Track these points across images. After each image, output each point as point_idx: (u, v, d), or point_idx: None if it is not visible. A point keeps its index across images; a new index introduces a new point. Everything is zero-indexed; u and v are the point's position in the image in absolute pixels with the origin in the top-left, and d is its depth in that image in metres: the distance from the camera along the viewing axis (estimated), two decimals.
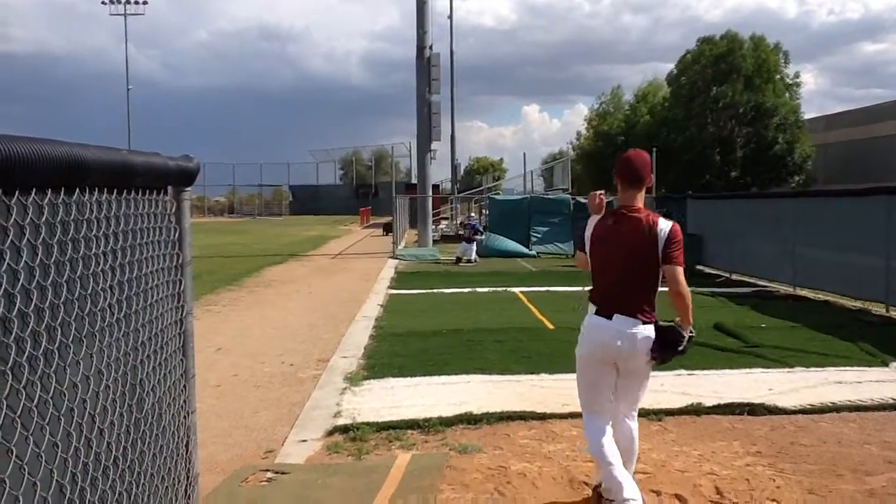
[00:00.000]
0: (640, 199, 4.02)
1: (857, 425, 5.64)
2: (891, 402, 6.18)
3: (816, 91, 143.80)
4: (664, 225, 3.94)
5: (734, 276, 16.13)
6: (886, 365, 7.63)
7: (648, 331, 3.91)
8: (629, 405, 4.13)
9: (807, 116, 38.23)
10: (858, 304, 12.04)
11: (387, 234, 30.83)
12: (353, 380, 6.90)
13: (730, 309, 11.73)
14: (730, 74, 36.97)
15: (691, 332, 3.98)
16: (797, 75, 38.34)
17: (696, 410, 5.90)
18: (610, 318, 3.91)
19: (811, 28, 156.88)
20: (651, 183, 4.07)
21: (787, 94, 37.11)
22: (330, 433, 5.45)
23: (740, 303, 12.39)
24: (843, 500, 4.20)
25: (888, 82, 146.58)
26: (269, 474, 4.64)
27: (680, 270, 3.93)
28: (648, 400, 6.13)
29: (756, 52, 37.09)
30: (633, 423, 4.15)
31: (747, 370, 7.28)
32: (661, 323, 4.00)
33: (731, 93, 36.73)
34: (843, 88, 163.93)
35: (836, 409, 5.98)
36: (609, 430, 4.01)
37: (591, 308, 4.06)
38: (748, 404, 5.96)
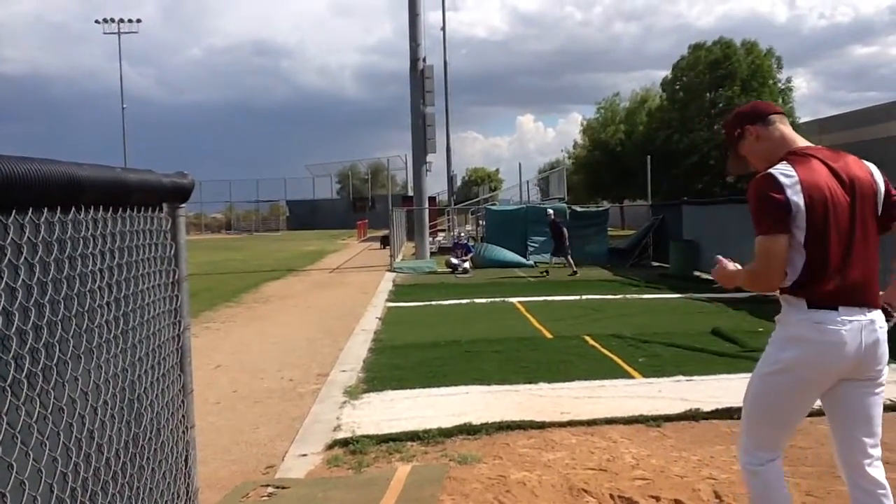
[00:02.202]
0: None
1: None
2: (888, 403, 6.17)
3: (810, 95, 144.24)
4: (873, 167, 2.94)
5: None
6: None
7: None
8: (870, 436, 2.88)
9: (802, 121, 38.51)
10: None
11: (384, 247, 30.82)
12: (352, 393, 6.91)
13: (727, 314, 11.76)
14: (726, 79, 37.30)
15: None
16: (789, 80, 38.72)
17: (694, 416, 5.92)
18: (850, 310, 2.75)
19: (802, 33, 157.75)
20: None
21: (780, 100, 37.40)
22: (330, 447, 5.46)
23: (737, 307, 12.41)
24: (841, 500, 4.21)
25: (879, 85, 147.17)
26: (269, 489, 4.65)
27: None
28: (646, 406, 6.20)
29: (749, 56, 37.46)
30: (882, 474, 2.91)
31: (745, 374, 7.19)
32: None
33: (728, 95, 37.05)
34: (837, 92, 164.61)
35: None
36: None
37: (799, 302, 2.81)
38: None
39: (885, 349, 2.82)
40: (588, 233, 23.71)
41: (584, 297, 14.34)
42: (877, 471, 2.88)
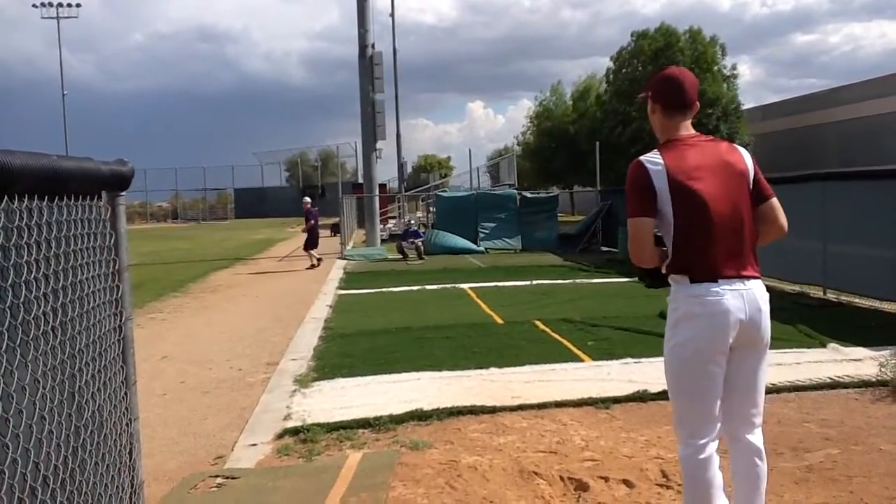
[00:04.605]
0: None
1: (796, 405, 5.82)
2: (828, 381, 6.38)
3: (753, 82, 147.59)
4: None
5: None
6: (824, 346, 7.88)
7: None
8: (753, 406, 3.13)
9: (745, 107, 39.21)
10: (797, 287, 12.37)
11: (334, 235, 30.62)
12: (302, 382, 6.87)
13: None
14: (669, 66, 37.74)
15: None
16: (734, 67, 39.33)
17: (641, 397, 6.02)
18: (729, 281, 2.92)
19: (745, 20, 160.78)
20: (697, 109, 3.17)
21: (724, 86, 37.97)
22: (280, 436, 5.42)
23: None
24: (783, 476, 4.34)
25: (819, 72, 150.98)
26: (218, 480, 4.60)
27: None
28: (595, 389, 6.28)
29: (693, 44, 37.92)
30: (760, 440, 3.18)
31: None
32: None
33: None
34: (779, 79, 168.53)
35: (776, 390, 6.14)
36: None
37: (683, 279, 2.98)
38: None
39: (767, 318, 3.00)
40: (538, 218, 23.86)
41: (534, 282, 14.45)
42: (756, 438, 3.14)
